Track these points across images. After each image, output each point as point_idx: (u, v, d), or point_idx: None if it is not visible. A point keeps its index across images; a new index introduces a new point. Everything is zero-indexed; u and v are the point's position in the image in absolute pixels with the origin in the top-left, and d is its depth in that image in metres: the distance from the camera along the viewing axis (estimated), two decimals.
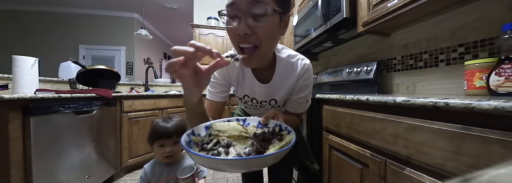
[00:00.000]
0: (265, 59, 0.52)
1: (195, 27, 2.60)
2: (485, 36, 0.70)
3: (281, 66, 0.58)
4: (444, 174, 0.42)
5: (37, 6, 3.62)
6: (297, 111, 0.65)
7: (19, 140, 0.88)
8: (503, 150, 0.32)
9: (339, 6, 1.05)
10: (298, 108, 0.64)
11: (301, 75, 0.58)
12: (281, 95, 0.61)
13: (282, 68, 0.58)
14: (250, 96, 0.64)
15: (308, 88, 0.61)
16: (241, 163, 0.28)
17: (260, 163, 0.29)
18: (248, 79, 0.59)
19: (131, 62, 4.02)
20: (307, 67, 0.58)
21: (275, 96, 0.62)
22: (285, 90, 0.60)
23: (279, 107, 0.67)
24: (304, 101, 0.63)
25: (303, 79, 0.59)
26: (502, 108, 0.31)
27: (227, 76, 0.60)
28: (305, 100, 0.63)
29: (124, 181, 1.46)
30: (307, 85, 0.60)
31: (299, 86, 0.60)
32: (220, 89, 0.60)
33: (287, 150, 0.30)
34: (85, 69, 1.40)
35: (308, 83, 0.60)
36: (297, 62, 0.59)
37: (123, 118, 1.50)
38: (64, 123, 1.07)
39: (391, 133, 0.54)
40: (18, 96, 0.85)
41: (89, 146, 1.21)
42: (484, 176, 0.08)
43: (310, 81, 0.61)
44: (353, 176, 0.70)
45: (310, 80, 0.61)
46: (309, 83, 0.61)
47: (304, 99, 0.62)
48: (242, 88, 0.63)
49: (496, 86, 0.54)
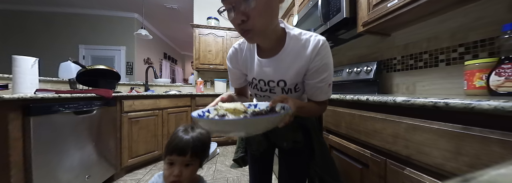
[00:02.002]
0: (267, 33, 0.49)
1: (195, 27, 2.60)
2: (485, 36, 0.70)
3: (291, 43, 0.53)
4: (444, 174, 0.42)
5: (37, 6, 3.62)
6: (319, 98, 0.56)
7: (19, 140, 0.88)
8: (503, 150, 0.32)
9: (339, 6, 1.05)
10: (320, 94, 0.55)
11: (315, 53, 0.50)
12: (290, 74, 0.54)
13: (291, 45, 0.53)
14: (258, 77, 0.59)
15: (327, 69, 0.52)
16: (220, 122, 0.34)
17: (240, 125, 0.34)
18: (255, 60, 0.58)
19: (131, 62, 4.02)
20: (321, 43, 0.50)
21: (284, 76, 0.55)
22: (295, 70, 0.53)
23: (291, 91, 0.58)
24: (326, 85, 0.53)
25: (319, 58, 0.51)
26: (502, 108, 0.31)
27: (236, 64, 0.64)
28: (326, 84, 0.53)
29: (124, 181, 1.46)
30: (326, 65, 0.51)
31: (315, 67, 0.51)
32: (235, 76, 0.67)
33: (269, 118, 0.35)
34: (85, 69, 1.40)
35: (326, 63, 0.51)
36: (309, 39, 0.51)
37: (123, 118, 1.50)
38: (64, 123, 1.07)
39: (391, 133, 0.54)
40: (18, 96, 0.85)
41: (89, 146, 1.21)
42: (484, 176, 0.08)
43: (328, 61, 0.52)
44: (353, 176, 0.70)
45: (327, 60, 0.52)
46: (328, 63, 0.52)
47: (325, 82, 0.53)
48: (251, 72, 0.61)
49: (496, 86, 0.54)
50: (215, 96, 2.27)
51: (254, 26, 0.44)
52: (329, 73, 0.53)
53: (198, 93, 2.27)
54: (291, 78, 0.55)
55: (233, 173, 1.59)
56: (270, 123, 0.35)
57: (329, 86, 0.55)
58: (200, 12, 3.00)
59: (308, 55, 0.51)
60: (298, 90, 0.58)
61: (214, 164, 1.77)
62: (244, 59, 0.61)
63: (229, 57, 0.65)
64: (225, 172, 1.60)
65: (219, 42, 2.66)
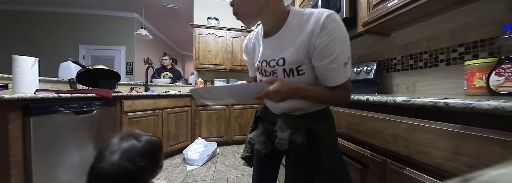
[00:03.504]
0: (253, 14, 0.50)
1: (195, 27, 2.60)
2: (485, 36, 0.70)
3: (293, 19, 0.50)
4: (444, 174, 0.42)
5: (37, 6, 3.62)
6: (332, 81, 0.47)
7: (19, 140, 0.88)
8: (503, 150, 0.32)
9: (339, 6, 1.05)
10: (333, 76, 0.46)
11: (319, 27, 0.44)
12: (290, 50, 0.49)
13: (293, 21, 0.50)
14: (261, 59, 0.57)
15: (339, 45, 0.44)
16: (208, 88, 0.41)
17: (221, 90, 0.41)
18: (261, 43, 0.59)
19: (131, 62, 4.02)
20: (327, 15, 0.43)
21: (283, 52, 0.51)
22: (295, 45, 0.48)
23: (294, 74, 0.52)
24: (340, 65, 0.45)
25: (326, 33, 0.43)
26: (502, 108, 0.31)
27: (247, 53, 0.69)
28: (340, 63, 0.45)
29: None
30: (335, 40, 0.43)
31: (322, 44, 0.44)
32: (250, 65, 0.71)
33: (246, 86, 0.41)
34: (85, 69, 1.40)
35: (335, 38, 0.43)
36: (313, 12, 0.46)
37: (123, 118, 1.50)
38: (64, 123, 1.07)
39: (391, 133, 0.54)
40: (18, 96, 0.85)
41: (89, 146, 1.21)
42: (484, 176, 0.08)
43: (339, 35, 0.44)
44: (353, 176, 0.70)
45: (338, 34, 0.44)
46: (338, 38, 0.44)
47: (338, 62, 0.44)
48: (257, 57, 0.61)
49: (496, 86, 0.54)
50: None
51: (239, 9, 0.50)
52: (343, 50, 0.45)
53: None
54: (290, 55, 0.50)
55: (233, 173, 1.59)
56: (246, 91, 0.42)
57: (346, 66, 0.46)
58: (200, 12, 2.99)
59: (310, 29, 0.45)
60: (301, 73, 0.51)
61: (214, 164, 1.77)
62: (252, 47, 0.65)
63: (243, 48, 0.70)
64: (225, 172, 1.60)
65: (219, 42, 2.66)
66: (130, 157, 0.43)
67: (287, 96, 0.45)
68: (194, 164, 1.73)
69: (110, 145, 0.45)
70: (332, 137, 0.56)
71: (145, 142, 0.47)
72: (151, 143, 0.48)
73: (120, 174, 0.42)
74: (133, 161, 0.43)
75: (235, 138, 2.33)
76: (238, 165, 1.75)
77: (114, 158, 0.42)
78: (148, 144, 0.47)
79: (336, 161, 0.55)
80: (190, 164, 1.74)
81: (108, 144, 0.45)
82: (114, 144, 0.45)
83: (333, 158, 0.54)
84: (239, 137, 2.34)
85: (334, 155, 0.55)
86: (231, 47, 2.71)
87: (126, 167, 0.42)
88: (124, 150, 0.44)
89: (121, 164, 0.42)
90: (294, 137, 0.54)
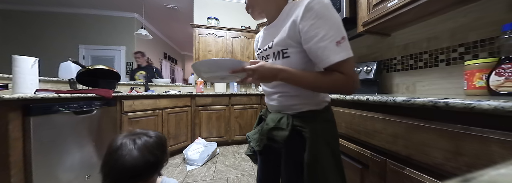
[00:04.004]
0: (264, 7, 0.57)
1: (195, 27, 2.60)
2: (485, 36, 0.70)
3: (287, 8, 0.52)
4: (444, 174, 0.42)
5: (37, 6, 3.62)
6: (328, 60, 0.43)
7: (19, 140, 0.88)
8: (503, 150, 0.32)
9: (339, 6, 1.05)
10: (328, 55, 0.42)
11: (304, 8, 0.44)
12: (281, 35, 0.50)
13: (286, 9, 0.52)
14: (261, 47, 0.62)
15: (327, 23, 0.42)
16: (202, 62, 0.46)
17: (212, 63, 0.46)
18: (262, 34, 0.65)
19: (131, 62, 4.02)
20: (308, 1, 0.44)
21: (275, 37, 0.52)
22: (283, 29, 0.49)
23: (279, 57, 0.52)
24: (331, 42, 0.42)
25: (312, 14, 0.43)
26: (502, 108, 0.31)
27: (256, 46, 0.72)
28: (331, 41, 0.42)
29: None
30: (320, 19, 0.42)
31: (307, 25, 0.43)
32: None
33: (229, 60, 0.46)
34: (85, 69, 1.40)
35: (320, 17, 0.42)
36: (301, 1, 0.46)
37: (123, 118, 1.50)
38: (64, 123, 1.07)
39: (391, 133, 0.54)
40: (18, 96, 0.85)
41: (89, 146, 1.21)
42: (484, 176, 0.08)
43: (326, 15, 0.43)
44: (353, 176, 0.70)
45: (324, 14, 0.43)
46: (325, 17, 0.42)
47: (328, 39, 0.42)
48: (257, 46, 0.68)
49: (496, 86, 0.54)
50: (215, 96, 2.27)
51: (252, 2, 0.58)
52: (331, 28, 0.42)
53: (198, 92, 2.27)
54: (277, 38, 0.51)
55: (233, 173, 1.59)
56: (229, 64, 0.46)
57: (339, 45, 0.42)
58: (200, 12, 2.99)
59: (296, 12, 0.46)
60: (286, 56, 0.50)
61: (214, 164, 1.77)
62: (258, 39, 0.71)
63: (254, 44, 0.76)
64: (225, 172, 1.60)
65: (219, 42, 2.66)
66: (148, 150, 0.48)
67: (266, 76, 0.46)
68: (194, 164, 1.73)
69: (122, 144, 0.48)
70: (324, 142, 0.50)
71: (155, 137, 0.52)
72: (160, 138, 0.53)
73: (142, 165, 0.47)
74: (152, 153, 0.49)
75: (235, 138, 2.33)
76: (238, 165, 1.75)
77: (134, 153, 0.47)
78: (158, 138, 0.53)
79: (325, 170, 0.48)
80: (190, 164, 1.74)
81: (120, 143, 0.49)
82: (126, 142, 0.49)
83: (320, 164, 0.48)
84: (239, 137, 2.34)
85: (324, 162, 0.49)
86: (231, 47, 2.71)
87: (147, 158, 0.47)
88: (141, 145, 0.48)
89: (143, 156, 0.47)
90: (274, 134, 0.53)
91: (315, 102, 0.54)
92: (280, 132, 0.52)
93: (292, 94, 0.54)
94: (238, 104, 2.36)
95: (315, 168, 0.48)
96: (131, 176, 0.46)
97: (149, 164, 0.48)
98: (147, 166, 0.48)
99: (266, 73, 0.45)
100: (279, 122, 0.53)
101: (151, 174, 0.50)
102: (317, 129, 0.51)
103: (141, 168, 0.47)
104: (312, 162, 0.48)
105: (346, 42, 0.43)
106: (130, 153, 0.46)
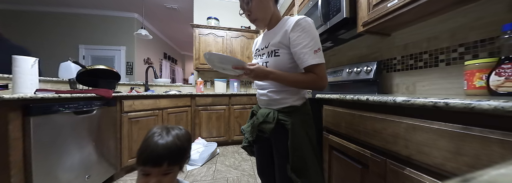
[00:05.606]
0: (268, 19, 0.70)
1: (195, 27, 2.60)
2: (485, 36, 0.70)
3: (283, 21, 0.70)
4: (444, 174, 0.42)
5: (37, 6, 3.62)
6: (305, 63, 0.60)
7: (19, 140, 0.88)
8: (503, 150, 0.32)
9: (339, 6, 1.05)
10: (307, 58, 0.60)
11: (293, 24, 0.62)
12: (276, 39, 0.67)
13: (282, 22, 0.69)
14: (260, 47, 0.76)
15: (309, 36, 0.60)
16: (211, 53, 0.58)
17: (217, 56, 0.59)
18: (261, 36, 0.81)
19: (131, 62, 4.02)
20: (299, 18, 0.62)
21: (272, 40, 0.69)
22: (279, 37, 0.66)
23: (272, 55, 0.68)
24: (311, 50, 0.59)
25: (299, 28, 0.61)
26: (502, 108, 0.31)
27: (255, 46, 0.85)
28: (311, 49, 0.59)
29: (124, 181, 1.46)
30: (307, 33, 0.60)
31: (295, 35, 0.61)
32: None
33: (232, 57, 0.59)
34: (85, 69, 1.40)
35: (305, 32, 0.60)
36: (294, 18, 0.65)
37: (123, 118, 1.50)
38: (64, 123, 1.06)
39: (391, 133, 0.54)
40: (18, 96, 0.85)
41: (89, 146, 1.21)
42: (484, 176, 0.08)
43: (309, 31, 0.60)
44: (353, 176, 0.70)
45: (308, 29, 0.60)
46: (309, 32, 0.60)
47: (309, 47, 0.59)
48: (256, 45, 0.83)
49: (496, 86, 0.54)
50: (215, 96, 2.27)
51: (257, 16, 0.68)
52: (312, 40, 0.60)
53: (198, 92, 2.27)
54: (273, 40, 0.68)
55: (233, 173, 1.59)
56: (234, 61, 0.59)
57: (316, 53, 0.60)
58: (200, 12, 2.99)
59: (289, 25, 0.64)
60: (277, 55, 0.67)
61: (214, 164, 1.77)
62: (255, 43, 0.86)
63: (253, 45, 0.87)
64: (225, 172, 1.61)
65: (219, 42, 2.66)
66: (179, 138, 0.56)
67: (259, 76, 0.60)
68: (194, 164, 1.73)
69: (157, 133, 0.56)
70: (303, 132, 0.65)
71: (185, 130, 0.61)
72: (188, 132, 0.62)
73: (174, 148, 0.54)
74: (183, 141, 0.57)
75: (235, 138, 2.33)
76: (238, 165, 1.75)
77: (167, 138, 0.55)
78: (187, 132, 0.61)
79: (305, 155, 0.63)
80: (190, 164, 1.74)
81: (155, 131, 0.57)
82: (161, 132, 0.56)
83: (300, 151, 0.63)
84: (239, 137, 2.34)
85: (303, 149, 0.64)
86: (231, 47, 2.71)
87: (178, 144, 0.55)
88: (175, 134, 0.57)
89: (174, 141, 0.54)
90: (263, 126, 0.67)
91: (297, 97, 0.68)
92: (267, 125, 0.66)
93: (279, 89, 0.69)
94: (238, 104, 2.36)
95: (296, 153, 0.63)
96: (161, 155, 0.51)
97: (178, 149, 0.54)
98: (176, 150, 0.54)
99: (260, 73, 0.60)
100: (267, 116, 0.67)
101: (179, 160, 0.55)
102: (297, 122, 0.65)
103: (171, 150, 0.53)
104: (294, 148, 0.63)
105: (321, 52, 0.61)
106: (163, 137, 0.55)
